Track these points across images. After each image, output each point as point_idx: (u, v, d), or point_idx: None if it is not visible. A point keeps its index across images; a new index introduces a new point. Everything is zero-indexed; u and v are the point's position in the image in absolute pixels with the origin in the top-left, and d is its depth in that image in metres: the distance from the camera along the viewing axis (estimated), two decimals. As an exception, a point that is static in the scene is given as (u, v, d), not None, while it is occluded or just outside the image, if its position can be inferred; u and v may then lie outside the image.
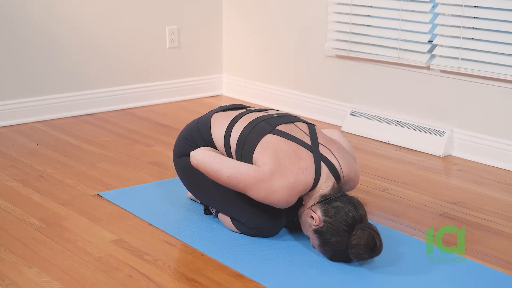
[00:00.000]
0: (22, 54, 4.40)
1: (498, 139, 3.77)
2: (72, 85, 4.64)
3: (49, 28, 4.48)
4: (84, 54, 4.66)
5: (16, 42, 4.36)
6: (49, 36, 4.48)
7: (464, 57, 3.84)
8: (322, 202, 2.60)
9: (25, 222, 2.95)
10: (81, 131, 4.30)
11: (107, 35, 4.73)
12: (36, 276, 2.50)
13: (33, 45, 4.43)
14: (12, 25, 4.33)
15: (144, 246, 2.74)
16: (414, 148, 4.05)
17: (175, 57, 5.08)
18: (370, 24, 4.31)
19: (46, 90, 4.54)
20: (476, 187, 3.46)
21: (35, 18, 4.41)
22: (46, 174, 3.52)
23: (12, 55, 4.36)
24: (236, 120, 2.87)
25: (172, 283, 2.47)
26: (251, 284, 2.46)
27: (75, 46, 4.61)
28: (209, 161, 2.74)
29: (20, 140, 4.10)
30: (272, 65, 4.96)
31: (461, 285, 2.49)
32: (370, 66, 4.35)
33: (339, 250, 2.55)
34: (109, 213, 3.06)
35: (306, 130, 2.82)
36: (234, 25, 5.19)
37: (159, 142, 4.09)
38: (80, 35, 4.62)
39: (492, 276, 2.55)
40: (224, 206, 2.85)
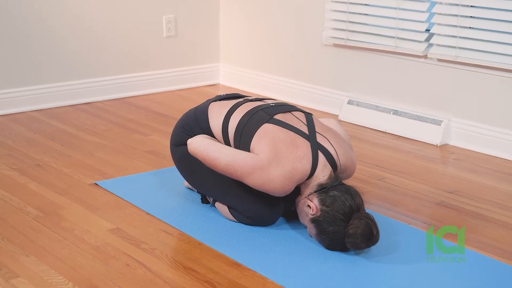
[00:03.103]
0: (19, 43, 4.39)
1: (495, 128, 3.77)
2: (69, 74, 4.63)
3: (46, 18, 4.46)
4: (81, 43, 4.65)
5: (13, 31, 4.35)
6: (46, 25, 4.47)
7: (461, 46, 3.84)
8: (319, 191, 2.61)
9: (22, 211, 2.95)
10: (78, 120, 4.30)
11: (104, 24, 4.72)
12: (33, 265, 2.50)
13: (30, 34, 4.42)
14: (9, 15, 4.32)
15: (141, 235, 2.74)
16: (411, 137, 4.05)
17: (172, 46, 5.07)
18: (367, 13, 4.31)
19: (43, 79, 4.53)
20: (473, 176, 3.47)
21: (33, 7, 4.39)
22: (43, 163, 3.52)
23: (9, 44, 4.35)
24: (233, 109, 2.87)
25: (169, 271, 2.47)
26: (248, 272, 2.47)
27: (72, 35, 4.59)
28: (206, 148, 2.74)
29: (17, 129, 4.10)
30: (269, 54, 4.95)
31: (458, 273, 2.50)
32: (367, 55, 4.34)
33: (336, 239, 2.55)
34: (106, 202, 3.07)
35: (303, 119, 2.82)
36: (231, 14, 5.18)
37: (156, 131, 4.08)
38: (77, 24, 4.60)
39: (489, 265, 2.56)
40: (221, 195, 2.85)
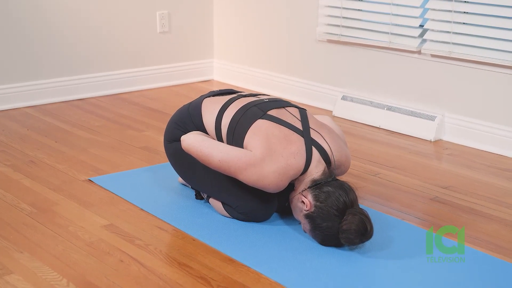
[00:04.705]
0: (12, 39, 4.37)
1: (489, 123, 3.78)
2: (62, 70, 4.62)
3: (40, 14, 4.45)
4: (75, 39, 4.63)
5: (6, 28, 4.34)
6: (39, 21, 4.46)
7: (455, 42, 3.84)
8: (313, 187, 2.61)
9: (16, 208, 2.94)
10: (72, 116, 4.29)
11: (97, 20, 4.71)
12: (27, 261, 2.50)
13: (24, 31, 4.41)
14: (2, 10, 4.30)
15: (135, 231, 2.74)
16: (405, 132, 4.05)
17: (166, 42, 5.07)
18: (361, 8, 4.31)
19: (37, 75, 4.52)
20: (467, 171, 3.47)
21: (26, 4, 4.38)
22: (37, 159, 3.51)
23: (2, 41, 4.34)
24: (227, 105, 2.86)
25: (163, 267, 2.48)
26: (243, 268, 2.47)
27: (66, 31, 4.58)
28: (200, 145, 2.74)
29: (11, 125, 4.09)
30: (263, 50, 4.95)
31: (451, 268, 2.50)
32: (361, 50, 4.34)
33: (330, 235, 2.55)
34: (100, 198, 3.06)
35: (297, 115, 2.82)
36: (225, 9, 5.17)
37: (150, 127, 4.08)
38: (71, 21, 4.59)
39: (483, 260, 2.57)
40: (215, 191, 2.85)
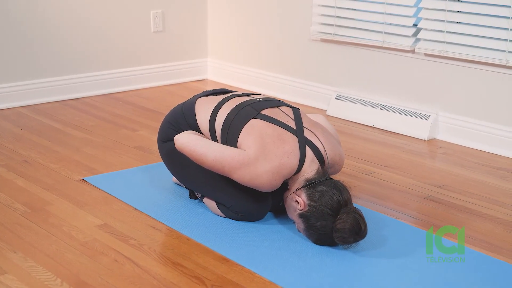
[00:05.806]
0: (6, 39, 4.36)
1: (482, 122, 3.78)
2: (56, 69, 4.61)
3: (33, 13, 4.44)
4: (69, 38, 4.63)
5: (0, 27, 4.34)
6: (32, 21, 4.45)
7: (448, 41, 3.85)
8: (307, 186, 2.61)
9: (9, 207, 2.94)
10: (65, 115, 4.28)
11: (91, 19, 4.70)
12: (21, 261, 2.49)
13: (17, 30, 4.39)
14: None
15: (129, 230, 2.74)
16: (399, 131, 4.06)
17: (160, 41, 5.06)
18: (355, 7, 4.31)
19: (30, 74, 4.51)
20: (461, 170, 3.48)
21: (18, 3, 4.37)
22: (31, 159, 3.51)
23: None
24: (221, 105, 2.86)
25: (157, 267, 2.47)
26: (237, 267, 2.47)
27: (59, 30, 4.57)
28: (194, 144, 2.74)
29: (4, 125, 4.08)
30: (257, 49, 4.95)
31: (445, 267, 2.51)
32: (355, 50, 4.34)
33: (324, 234, 2.56)
34: (94, 197, 3.06)
35: (291, 114, 2.82)
36: (219, 8, 5.17)
37: (144, 127, 4.07)
38: (64, 20, 4.58)
39: (477, 258, 2.57)
40: (209, 191, 2.85)
